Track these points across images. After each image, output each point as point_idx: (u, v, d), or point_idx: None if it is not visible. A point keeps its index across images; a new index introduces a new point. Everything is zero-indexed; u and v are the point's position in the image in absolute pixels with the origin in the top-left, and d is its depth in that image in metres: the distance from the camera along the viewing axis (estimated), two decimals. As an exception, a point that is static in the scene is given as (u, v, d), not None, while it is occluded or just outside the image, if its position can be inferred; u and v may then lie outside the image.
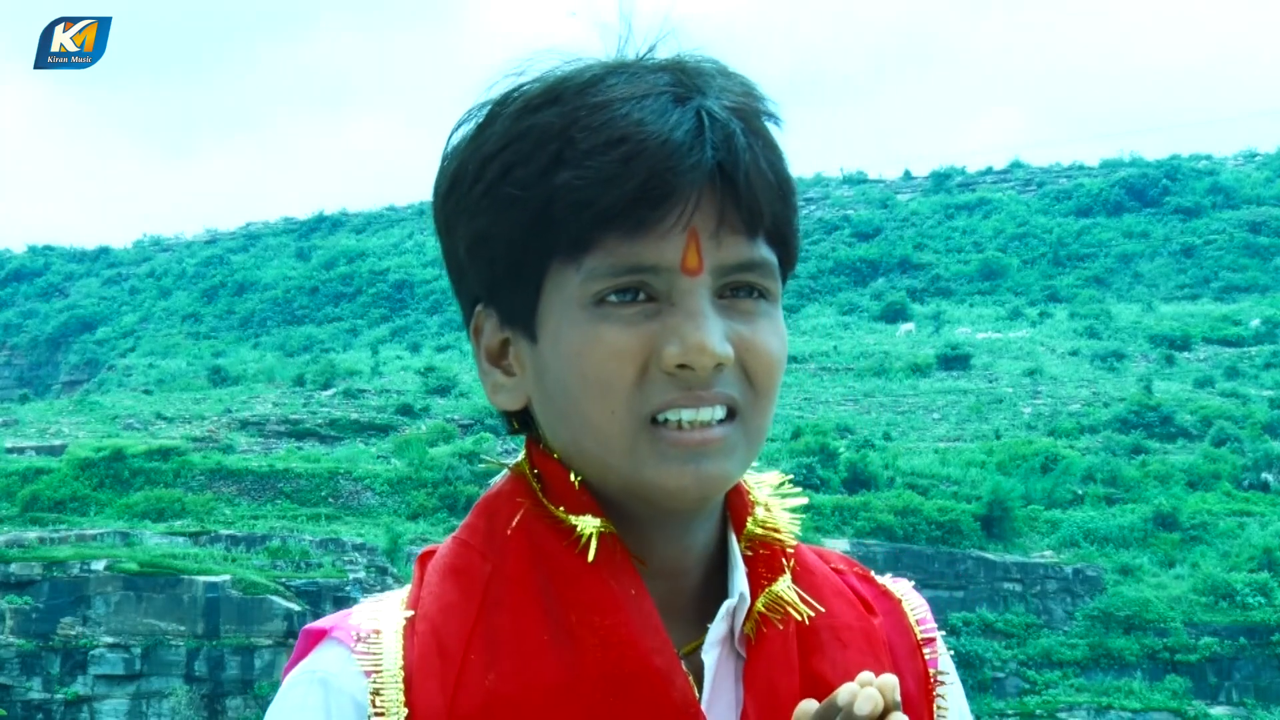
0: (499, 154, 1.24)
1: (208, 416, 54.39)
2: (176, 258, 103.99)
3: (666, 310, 1.22)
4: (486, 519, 1.31)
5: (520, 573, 1.26)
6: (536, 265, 1.23)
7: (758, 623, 1.29)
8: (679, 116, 1.21)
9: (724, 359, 1.21)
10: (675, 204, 1.20)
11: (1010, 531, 45.10)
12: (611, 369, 1.21)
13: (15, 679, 37.79)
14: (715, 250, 1.22)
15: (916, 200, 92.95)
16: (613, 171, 1.19)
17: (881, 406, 57.62)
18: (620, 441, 1.23)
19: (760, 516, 1.34)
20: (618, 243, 1.20)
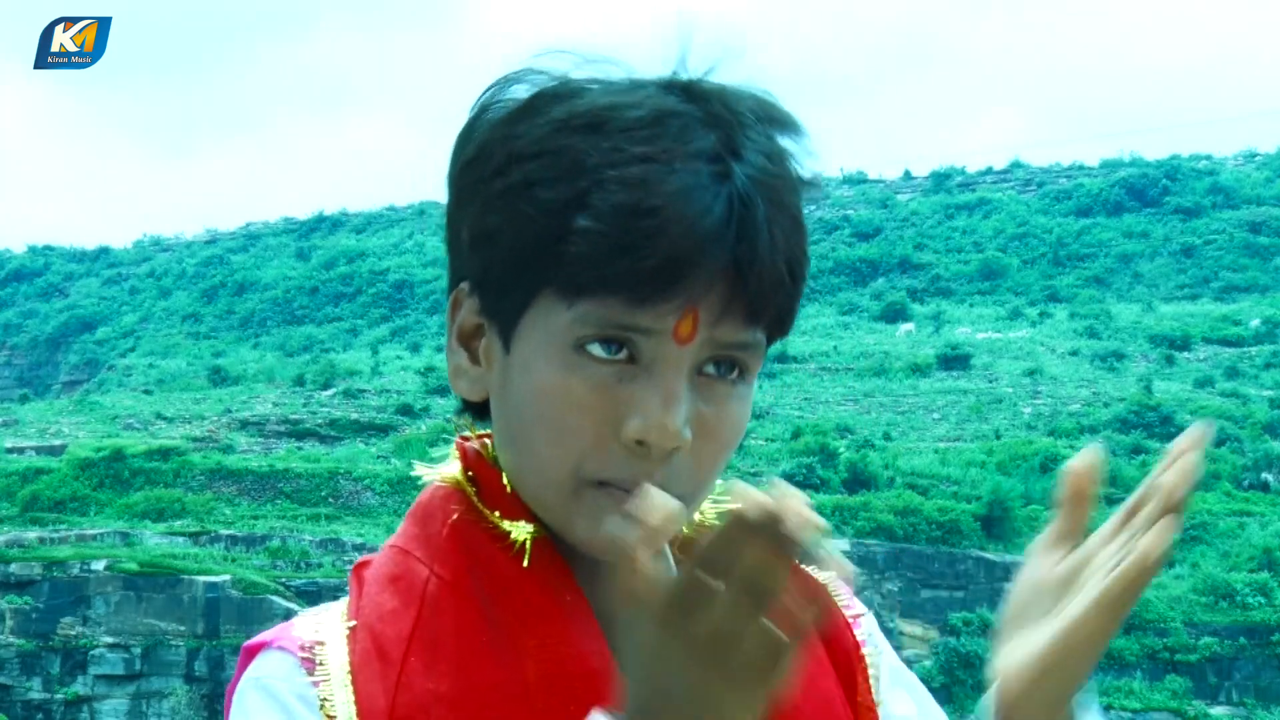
0: (527, 160, 1.20)
1: (208, 416, 54.42)
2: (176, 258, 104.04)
3: (642, 378, 1.19)
4: (421, 525, 1.30)
5: (457, 577, 1.25)
6: (530, 286, 1.21)
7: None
8: (710, 199, 1.17)
9: (682, 444, 1.19)
10: (683, 291, 1.17)
11: (1010, 531, 45.09)
12: (572, 422, 1.19)
13: (15, 679, 37.80)
14: (711, 329, 1.19)
15: (916, 200, 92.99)
16: (631, 241, 1.16)
17: (881, 406, 57.64)
18: (560, 489, 1.21)
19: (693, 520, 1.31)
20: (616, 304, 1.18)
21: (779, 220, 1.21)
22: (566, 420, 1.19)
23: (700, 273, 1.17)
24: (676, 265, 1.16)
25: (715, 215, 1.17)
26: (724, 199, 1.18)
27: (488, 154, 1.23)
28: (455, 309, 1.29)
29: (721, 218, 1.17)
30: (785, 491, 1.02)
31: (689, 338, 1.19)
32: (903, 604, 41.85)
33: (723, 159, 1.19)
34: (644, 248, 1.16)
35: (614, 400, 1.19)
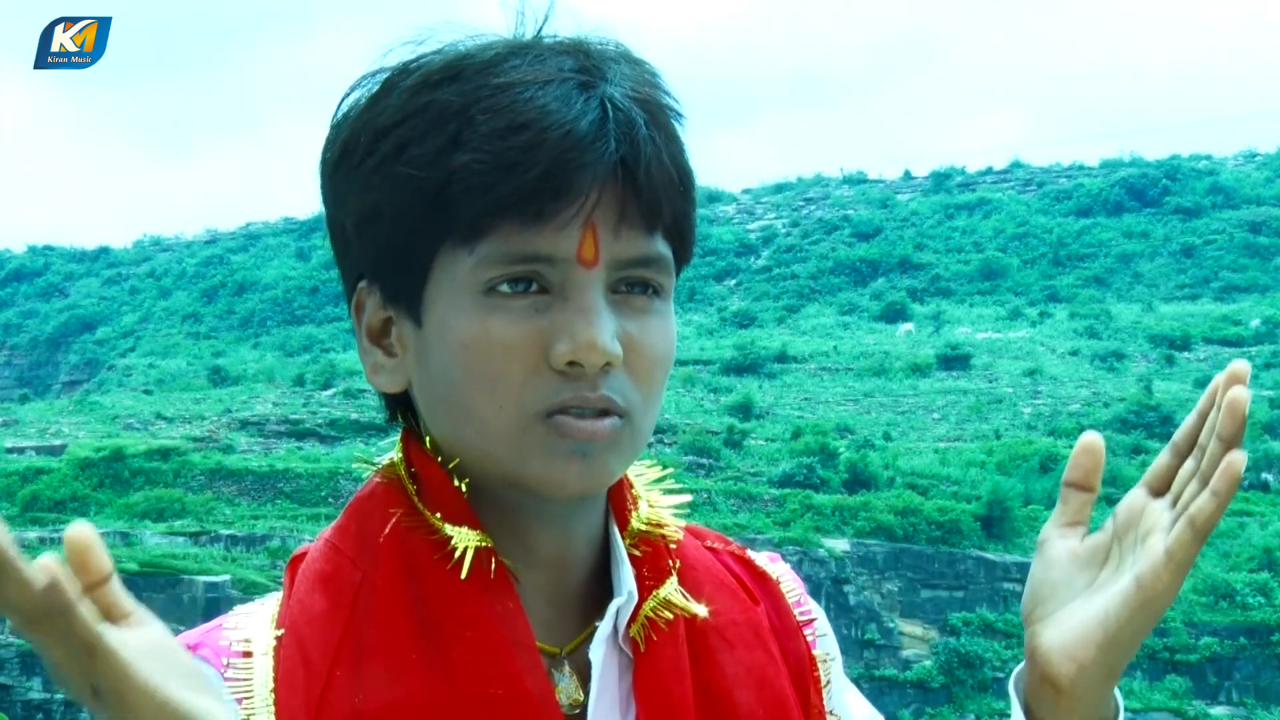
0: (394, 128, 1.19)
1: (208, 416, 54.42)
2: (176, 258, 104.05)
3: (558, 304, 1.18)
4: (358, 522, 1.26)
5: (391, 584, 1.21)
6: (427, 247, 1.19)
7: (645, 626, 1.26)
8: (583, 106, 1.17)
9: (613, 358, 1.18)
10: (576, 196, 1.16)
11: (1010, 531, 45.10)
12: (499, 365, 1.18)
13: (15, 679, 37.80)
14: (612, 244, 1.18)
15: (916, 200, 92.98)
16: (513, 159, 1.15)
17: (881, 406, 57.64)
18: (506, 435, 1.19)
19: (644, 513, 1.30)
20: (513, 230, 1.16)
21: (658, 130, 1.20)
22: (494, 364, 1.18)
23: (586, 177, 1.16)
24: (561, 170, 1.15)
25: (590, 117, 1.17)
26: (595, 102, 1.18)
27: (353, 143, 1.22)
28: (359, 312, 1.28)
29: (596, 119, 1.17)
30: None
31: (593, 259, 1.18)
32: (903, 604, 41.84)
33: (587, 74, 1.19)
34: (525, 161, 1.15)
35: (536, 332, 1.18)
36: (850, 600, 40.79)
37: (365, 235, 1.23)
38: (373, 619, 1.21)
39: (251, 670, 1.21)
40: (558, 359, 1.17)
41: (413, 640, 1.20)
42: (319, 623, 1.22)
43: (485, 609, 1.20)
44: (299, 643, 1.21)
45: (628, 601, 1.26)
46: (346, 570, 1.23)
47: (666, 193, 1.20)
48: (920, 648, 41.35)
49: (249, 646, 1.22)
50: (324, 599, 1.22)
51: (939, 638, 41.50)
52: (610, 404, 1.19)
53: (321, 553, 1.26)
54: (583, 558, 1.27)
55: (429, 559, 1.22)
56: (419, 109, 1.18)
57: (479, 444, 1.21)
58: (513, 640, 1.20)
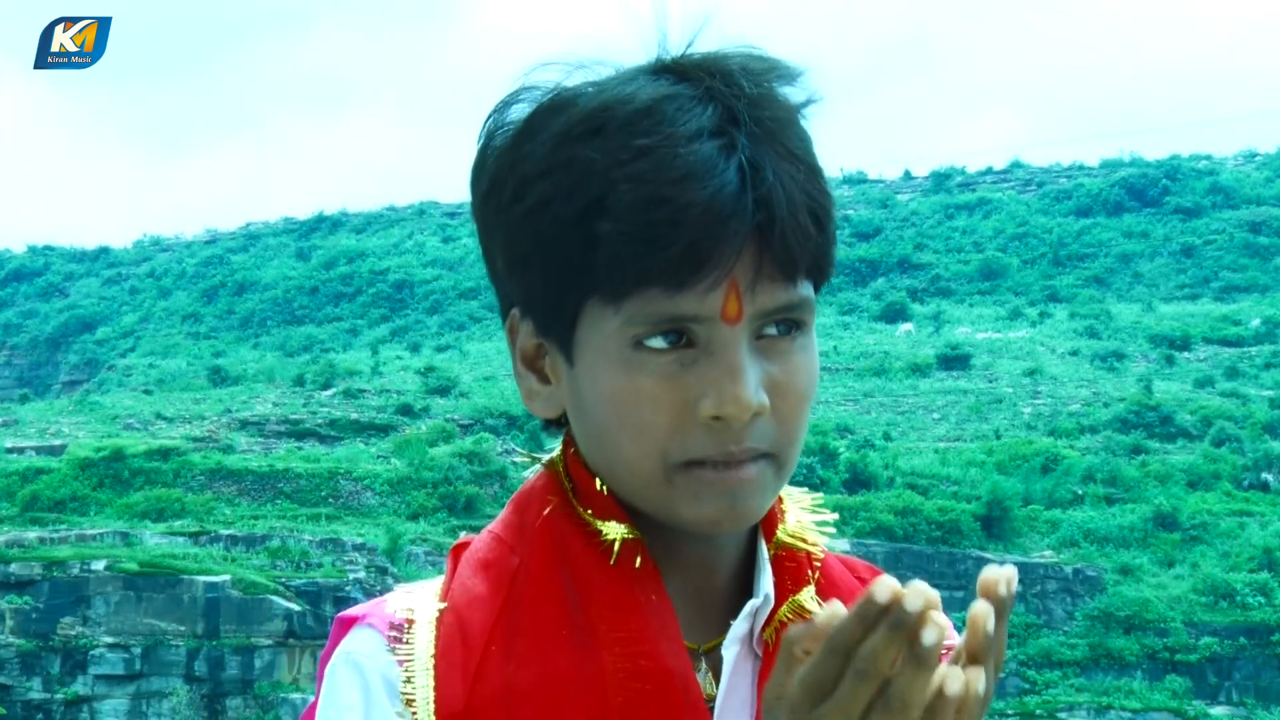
0: (538, 180, 1.22)
1: (208, 416, 54.43)
2: (176, 258, 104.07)
3: (704, 359, 1.21)
4: (518, 514, 1.32)
5: (545, 570, 1.28)
6: (574, 300, 1.23)
7: (778, 631, 1.29)
8: (720, 174, 1.19)
9: (760, 410, 1.21)
10: (716, 266, 1.19)
11: (1010, 531, 45.11)
12: (647, 417, 1.21)
13: (15, 679, 37.80)
14: (753, 299, 1.21)
15: (916, 200, 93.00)
16: (655, 234, 1.18)
17: (881, 406, 57.65)
18: (654, 480, 1.23)
19: (790, 527, 1.34)
20: (658, 295, 1.20)
21: (792, 174, 1.22)
22: (642, 416, 1.22)
23: (725, 247, 1.19)
24: (701, 246, 1.18)
25: (728, 189, 1.19)
26: (733, 170, 1.19)
27: (501, 182, 1.26)
28: (513, 334, 1.32)
29: (734, 189, 1.19)
30: (919, 588, 1.03)
31: (737, 316, 1.21)
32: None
33: (725, 130, 1.21)
34: (667, 237, 1.18)
35: (683, 386, 1.21)
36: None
37: (514, 275, 1.27)
38: (527, 601, 1.27)
39: (414, 635, 1.28)
40: (703, 415, 1.21)
41: (563, 622, 1.25)
42: (478, 604, 1.28)
43: (632, 598, 1.25)
44: (459, 620, 1.27)
45: (764, 604, 1.29)
46: (505, 557, 1.29)
47: (802, 246, 1.22)
48: (920, 648, 41.35)
49: (412, 615, 1.29)
50: (484, 583, 1.29)
51: (939, 638, 41.51)
52: (756, 453, 1.23)
53: (485, 541, 1.32)
54: (727, 563, 1.31)
55: (580, 547, 1.28)
56: (563, 164, 1.21)
57: (628, 486, 1.26)
58: (657, 624, 1.25)
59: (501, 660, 1.25)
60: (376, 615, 1.29)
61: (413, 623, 1.28)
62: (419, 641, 1.27)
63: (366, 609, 1.31)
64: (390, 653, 1.27)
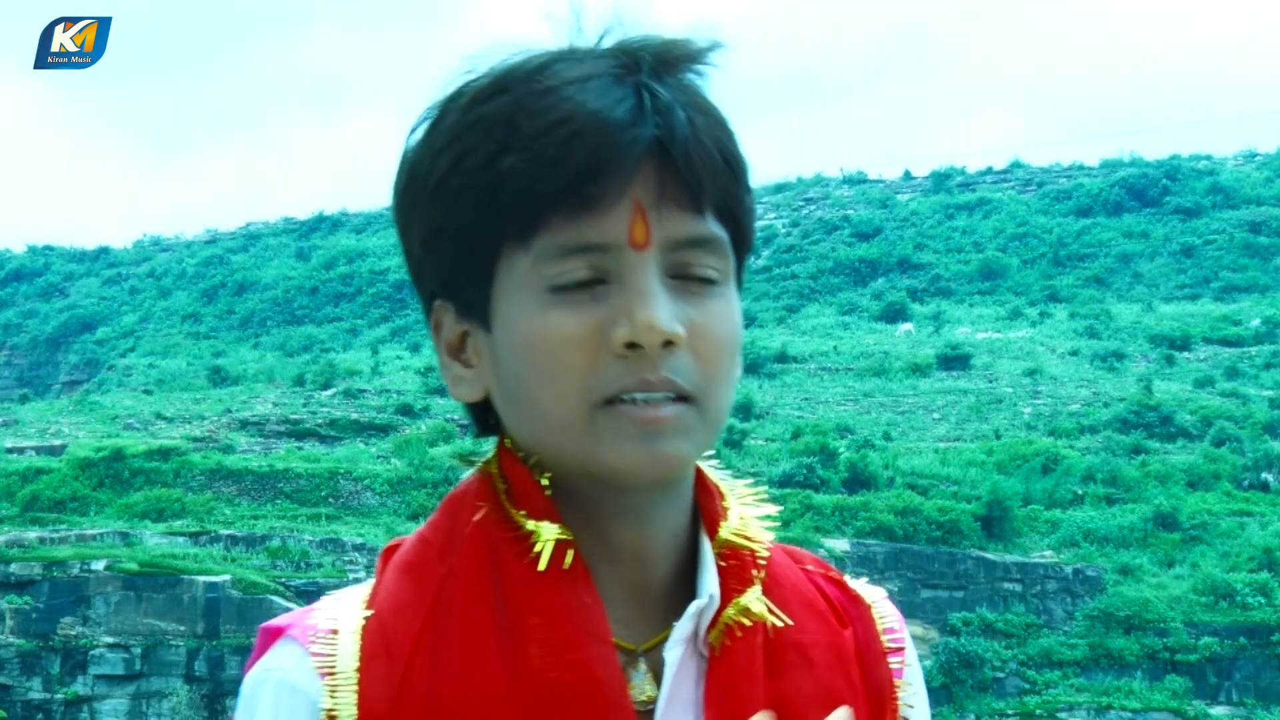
0: (449, 146, 1.24)
1: (208, 416, 54.40)
2: (176, 258, 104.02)
3: (615, 291, 1.21)
4: (450, 517, 1.31)
5: (474, 575, 1.26)
6: (488, 253, 1.24)
7: (724, 633, 1.27)
8: (619, 94, 1.21)
9: (673, 336, 1.20)
10: (615, 178, 1.20)
11: (1010, 531, 45.09)
12: (560, 355, 1.21)
13: (15, 679, 37.79)
14: (660, 223, 1.21)
15: (916, 200, 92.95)
16: (554, 153, 1.19)
17: (881, 406, 57.63)
18: (574, 426, 1.22)
19: (734, 524, 1.32)
20: (564, 223, 1.20)
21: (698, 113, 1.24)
22: (556, 356, 1.21)
23: (624, 158, 1.20)
24: (600, 154, 1.19)
25: (626, 104, 1.21)
26: (630, 89, 1.22)
27: (417, 168, 1.28)
28: (438, 329, 1.32)
29: (632, 105, 1.21)
30: None
31: (644, 240, 1.21)
32: (903, 604, 41.67)
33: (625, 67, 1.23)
34: (566, 154, 1.19)
35: (595, 321, 1.21)
36: (850, 600, 40.77)
37: (431, 253, 1.28)
38: (453, 610, 1.25)
39: (337, 646, 1.26)
40: (616, 343, 1.21)
41: (490, 632, 1.24)
42: (403, 611, 1.26)
43: (561, 600, 1.24)
44: (383, 629, 1.26)
45: (709, 604, 1.27)
46: (432, 562, 1.28)
47: (709, 171, 1.23)
48: (920, 648, 41.27)
49: (336, 625, 1.27)
50: (409, 589, 1.27)
51: (939, 638, 41.49)
52: (674, 386, 1.22)
53: (412, 545, 1.31)
54: (664, 555, 1.30)
55: (510, 552, 1.26)
56: (470, 123, 1.24)
57: (553, 439, 1.25)
58: (587, 632, 1.23)
59: (427, 671, 1.23)
60: (300, 626, 1.27)
61: (337, 632, 1.26)
62: (342, 653, 1.25)
63: (291, 618, 1.28)
64: (311, 669, 1.24)
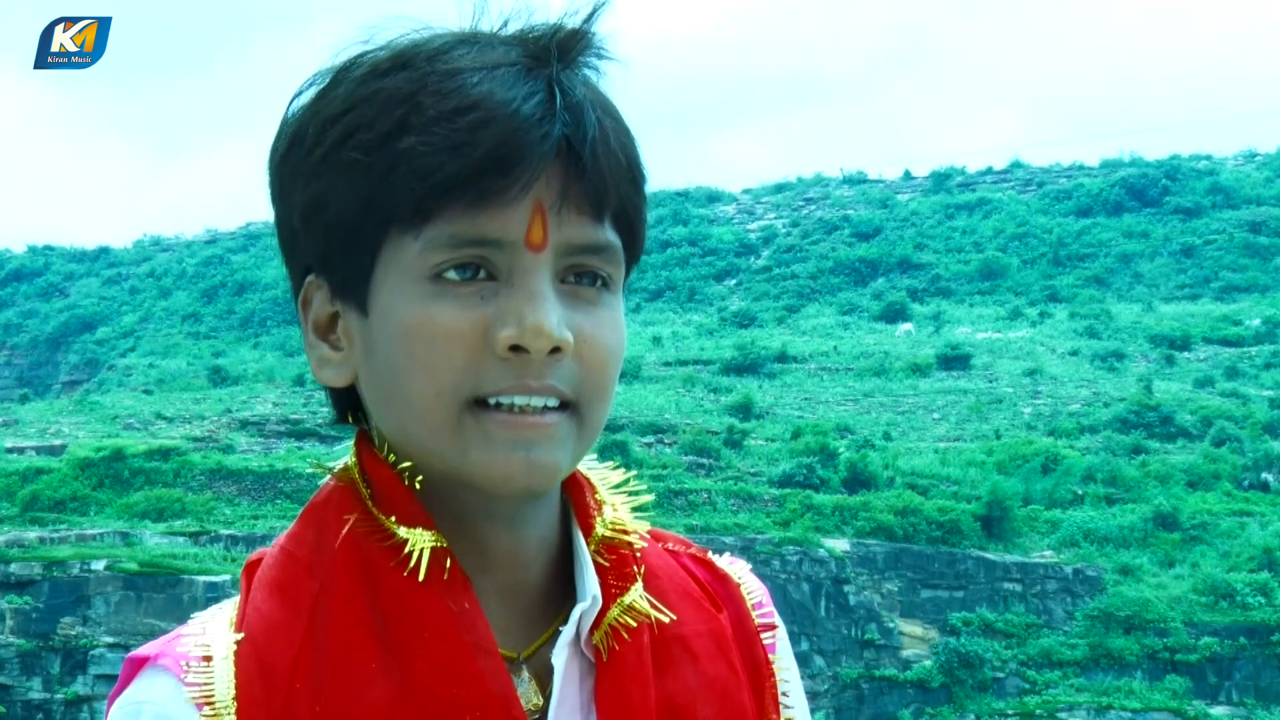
0: (341, 117, 1.18)
1: (208, 416, 54.40)
2: (176, 258, 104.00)
3: (505, 291, 1.17)
4: (314, 529, 1.25)
5: (348, 591, 1.20)
6: (373, 233, 1.18)
7: (610, 634, 1.24)
8: (530, 88, 1.17)
9: (561, 343, 1.16)
10: (520, 174, 1.15)
11: (1010, 531, 45.08)
12: (440, 349, 1.16)
13: (15, 679, 37.79)
14: (559, 227, 1.17)
15: (916, 200, 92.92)
16: (458, 139, 1.14)
17: (881, 406, 57.61)
18: (445, 425, 1.17)
19: (609, 518, 1.28)
20: (460, 213, 1.15)
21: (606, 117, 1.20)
22: (436, 349, 1.16)
23: (531, 155, 1.15)
24: (506, 147, 1.15)
25: (536, 99, 1.16)
26: (542, 84, 1.17)
27: (301, 135, 1.21)
28: (306, 307, 1.26)
29: (542, 100, 1.17)
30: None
31: (541, 242, 1.16)
32: (903, 604, 41.82)
33: (535, 59, 1.19)
34: (470, 142, 1.15)
35: (481, 318, 1.17)
36: (850, 600, 40.77)
37: (312, 225, 1.21)
38: (331, 629, 1.19)
39: (212, 674, 1.19)
40: (501, 344, 1.16)
41: (372, 649, 1.18)
42: (276, 632, 1.20)
43: (443, 611, 1.19)
44: (257, 652, 1.19)
45: (592, 606, 1.24)
46: (303, 579, 1.22)
47: (614, 177, 1.18)
48: (920, 648, 41.31)
49: (209, 651, 1.21)
50: (281, 608, 1.21)
51: (939, 638, 41.47)
52: (555, 391, 1.17)
53: (277, 560, 1.24)
54: (539, 559, 1.26)
55: (385, 565, 1.20)
56: (367, 96, 1.18)
57: (421, 436, 1.19)
58: (472, 643, 1.19)
59: (309, 695, 1.17)
60: (169, 654, 1.21)
61: (210, 659, 1.20)
62: (218, 682, 1.18)
63: (159, 646, 1.22)
64: (185, 700, 1.18)
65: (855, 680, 40.17)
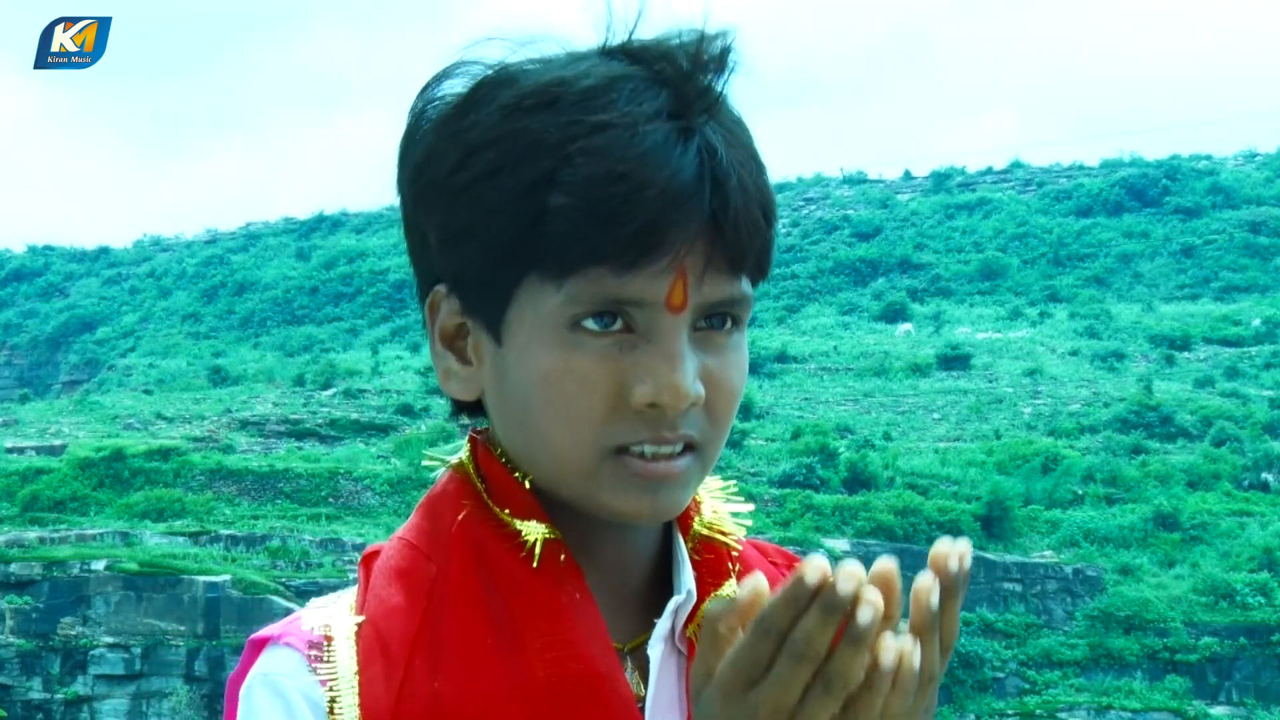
0: (485, 149, 1.18)
1: (208, 416, 54.43)
2: (176, 258, 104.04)
3: (642, 345, 1.19)
4: (431, 520, 1.28)
5: (464, 576, 1.24)
6: (513, 275, 1.20)
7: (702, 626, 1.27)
8: (680, 157, 1.17)
9: (696, 400, 1.19)
10: (669, 250, 1.16)
11: (1010, 531, 45.10)
12: (580, 400, 1.19)
13: (15, 679, 37.79)
14: (699, 289, 1.19)
15: (916, 200, 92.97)
16: (611, 210, 1.15)
17: (881, 406, 57.63)
18: (581, 467, 1.20)
19: (707, 518, 1.31)
20: (604, 274, 1.16)
21: (745, 166, 1.20)
22: (575, 398, 1.19)
23: (680, 231, 1.16)
24: (657, 227, 1.15)
25: (687, 172, 1.16)
26: (693, 154, 1.17)
27: (440, 152, 1.22)
28: (434, 313, 1.28)
29: (694, 174, 1.17)
30: (849, 570, 1.01)
31: (682, 306, 1.18)
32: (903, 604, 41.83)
33: (681, 114, 1.18)
34: (623, 214, 1.15)
35: (619, 370, 1.19)
36: (850, 600, 40.78)
37: (449, 250, 1.23)
38: (447, 611, 1.23)
39: (335, 653, 1.24)
40: (639, 400, 1.18)
41: (487, 630, 1.22)
42: (396, 616, 1.24)
43: (555, 598, 1.22)
44: (378, 634, 1.24)
45: (686, 600, 1.27)
46: (421, 565, 1.26)
47: (752, 238, 1.20)
48: (920, 648, 41.33)
49: (330, 631, 1.25)
50: (400, 593, 1.25)
51: (939, 638, 41.49)
52: (687, 439, 1.20)
53: (397, 549, 1.28)
54: (643, 559, 1.29)
55: (499, 551, 1.24)
56: (511, 134, 1.18)
57: (552, 471, 1.23)
58: (586, 629, 1.22)
59: (426, 673, 1.21)
60: (293, 634, 1.25)
61: (331, 639, 1.24)
62: (340, 658, 1.23)
63: (281, 628, 1.26)
64: (311, 672, 1.23)
65: (855, 680, 40.18)
